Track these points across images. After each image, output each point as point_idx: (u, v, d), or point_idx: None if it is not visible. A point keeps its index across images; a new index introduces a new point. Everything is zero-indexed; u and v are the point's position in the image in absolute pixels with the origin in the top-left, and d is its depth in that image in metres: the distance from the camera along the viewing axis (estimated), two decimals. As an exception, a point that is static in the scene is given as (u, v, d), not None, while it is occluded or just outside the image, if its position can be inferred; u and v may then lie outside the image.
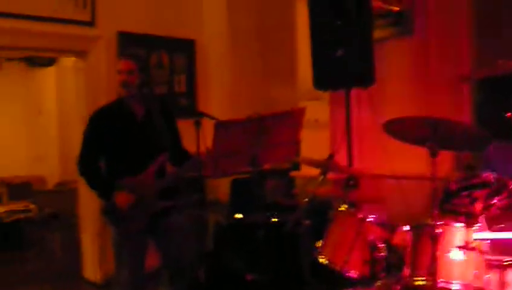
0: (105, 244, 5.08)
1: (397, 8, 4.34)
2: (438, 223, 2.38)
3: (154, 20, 5.35)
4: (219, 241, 4.34)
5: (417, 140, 2.44)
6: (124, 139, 3.31)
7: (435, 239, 2.35)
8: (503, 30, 3.97)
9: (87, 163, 3.34)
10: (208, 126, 3.10)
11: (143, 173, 3.26)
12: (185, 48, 5.75)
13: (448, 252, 2.44)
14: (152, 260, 3.49)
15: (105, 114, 3.39)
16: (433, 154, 2.35)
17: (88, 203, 5.07)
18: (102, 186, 3.33)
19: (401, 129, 2.55)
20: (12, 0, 4.52)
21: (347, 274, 2.87)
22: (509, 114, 3.03)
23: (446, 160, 3.97)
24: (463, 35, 4.11)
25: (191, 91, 5.79)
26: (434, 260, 2.36)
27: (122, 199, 3.21)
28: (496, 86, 4.48)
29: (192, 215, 4.76)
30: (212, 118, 3.19)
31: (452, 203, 2.56)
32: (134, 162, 3.29)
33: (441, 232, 2.37)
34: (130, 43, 5.13)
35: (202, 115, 3.18)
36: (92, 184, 3.38)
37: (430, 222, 2.46)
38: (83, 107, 5.13)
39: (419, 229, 2.57)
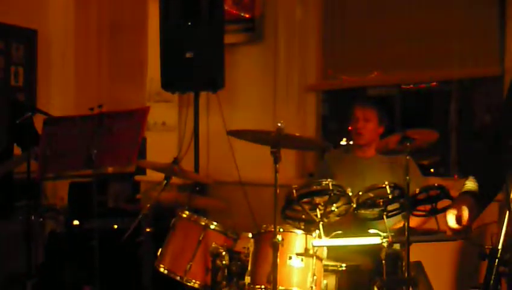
0: None
1: (248, 15, 4.36)
2: (278, 230, 2.35)
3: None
4: (53, 251, 3.97)
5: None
6: None
7: (275, 246, 2.31)
8: (347, 46, 4.14)
9: None
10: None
11: None
12: (25, 38, 5.26)
13: (288, 259, 2.42)
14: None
15: None
16: (276, 160, 2.32)
17: None
18: None
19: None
20: None
21: (188, 284, 2.77)
22: (350, 127, 3.14)
23: (289, 168, 4.06)
24: (311, 46, 4.23)
25: (30, 85, 5.30)
26: (274, 267, 2.32)
27: None
28: (339, 98, 4.72)
29: (25, 222, 4.33)
30: (46, 114, 2.88)
31: (293, 209, 2.55)
32: None
33: (281, 240, 2.33)
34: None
35: (35, 111, 2.84)
36: None
37: (270, 229, 2.43)
38: None
39: (260, 237, 2.53)
